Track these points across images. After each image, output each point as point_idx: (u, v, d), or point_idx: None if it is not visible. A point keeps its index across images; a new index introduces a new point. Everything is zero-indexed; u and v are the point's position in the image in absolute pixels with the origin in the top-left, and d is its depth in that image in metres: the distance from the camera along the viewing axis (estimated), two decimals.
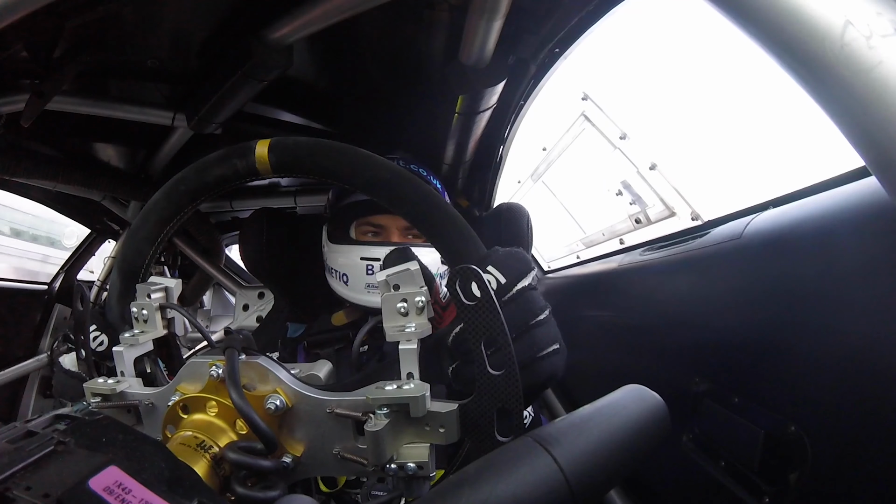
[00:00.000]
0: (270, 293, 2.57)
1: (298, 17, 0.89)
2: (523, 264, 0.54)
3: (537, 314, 0.53)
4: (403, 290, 0.48)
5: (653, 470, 1.03)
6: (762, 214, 0.82)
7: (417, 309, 0.48)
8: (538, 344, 0.52)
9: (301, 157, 0.60)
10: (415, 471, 0.46)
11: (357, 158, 0.59)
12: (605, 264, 1.54)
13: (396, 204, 0.58)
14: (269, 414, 0.50)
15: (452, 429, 0.46)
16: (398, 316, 0.48)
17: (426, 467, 0.47)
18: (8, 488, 0.30)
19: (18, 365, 2.34)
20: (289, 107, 1.41)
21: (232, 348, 0.51)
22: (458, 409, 0.46)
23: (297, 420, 0.52)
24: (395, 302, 0.48)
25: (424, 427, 0.47)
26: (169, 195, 0.64)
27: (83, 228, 2.50)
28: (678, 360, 0.94)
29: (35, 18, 0.59)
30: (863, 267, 0.58)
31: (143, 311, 0.62)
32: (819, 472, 0.60)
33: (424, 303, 0.48)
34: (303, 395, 0.51)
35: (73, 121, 1.29)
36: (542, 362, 0.52)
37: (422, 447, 0.47)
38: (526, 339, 0.51)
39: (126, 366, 0.60)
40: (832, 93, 0.30)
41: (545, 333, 0.53)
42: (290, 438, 0.52)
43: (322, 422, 0.51)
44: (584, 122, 1.73)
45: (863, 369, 0.56)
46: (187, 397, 0.52)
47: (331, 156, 0.60)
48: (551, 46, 1.04)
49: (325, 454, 0.51)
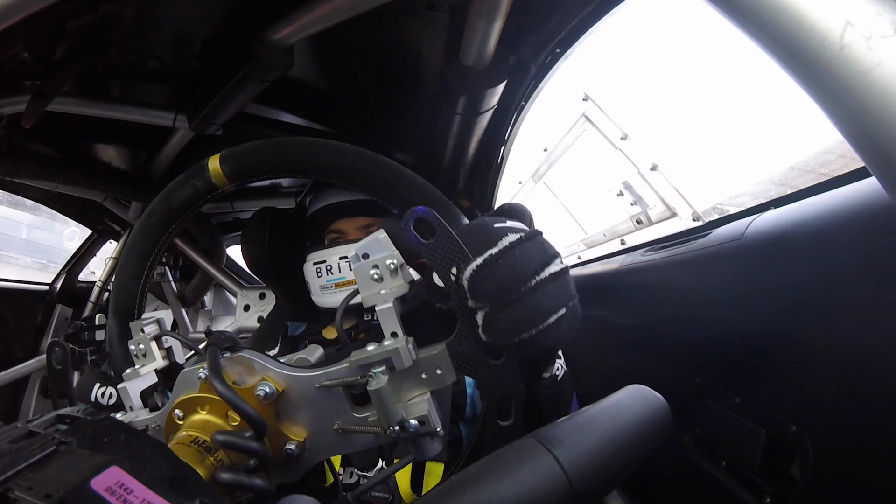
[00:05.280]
0: (272, 294, 2.58)
1: (299, 19, 0.89)
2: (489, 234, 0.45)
3: (528, 276, 0.43)
4: (373, 257, 0.48)
5: (653, 470, 1.03)
6: (763, 215, 0.82)
7: (391, 272, 0.48)
8: (532, 316, 0.43)
9: (253, 161, 0.61)
10: (417, 428, 0.46)
11: (307, 148, 0.60)
12: (606, 265, 1.54)
13: (357, 181, 0.58)
14: (262, 402, 0.50)
15: (448, 367, 0.46)
16: (373, 283, 0.48)
17: (428, 422, 0.46)
18: (9, 488, 0.30)
19: (20, 365, 2.34)
20: (290, 108, 1.41)
21: (213, 345, 0.52)
22: (445, 347, 0.46)
23: (292, 404, 0.52)
24: (367, 270, 0.48)
25: (421, 376, 0.47)
26: (143, 230, 0.67)
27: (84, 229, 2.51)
28: (679, 360, 0.94)
29: (36, 19, 0.59)
30: (863, 267, 0.58)
31: (139, 345, 0.63)
32: (820, 472, 0.60)
33: (397, 264, 0.48)
34: (291, 377, 0.51)
35: (74, 122, 1.29)
36: (541, 336, 0.43)
37: (420, 402, 0.47)
38: (514, 312, 0.43)
39: (133, 400, 0.61)
40: (832, 94, 0.30)
41: (543, 298, 0.43)
42: (290, 424, 0.52)
43: (316, 400, 0.51)
44: (585, 122, 1.73)
45: (864, 369, 0.56)
46: (180, 401, 0.53)
47: (281, 151, 0.60)
48: (552, 47, 1.04)
49: (328, 433, 0.51)
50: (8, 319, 2.32)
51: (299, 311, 1.24)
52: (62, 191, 1.83)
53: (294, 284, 1.19)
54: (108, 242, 2.64)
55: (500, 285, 0.43)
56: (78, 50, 0.99)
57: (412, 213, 0.43)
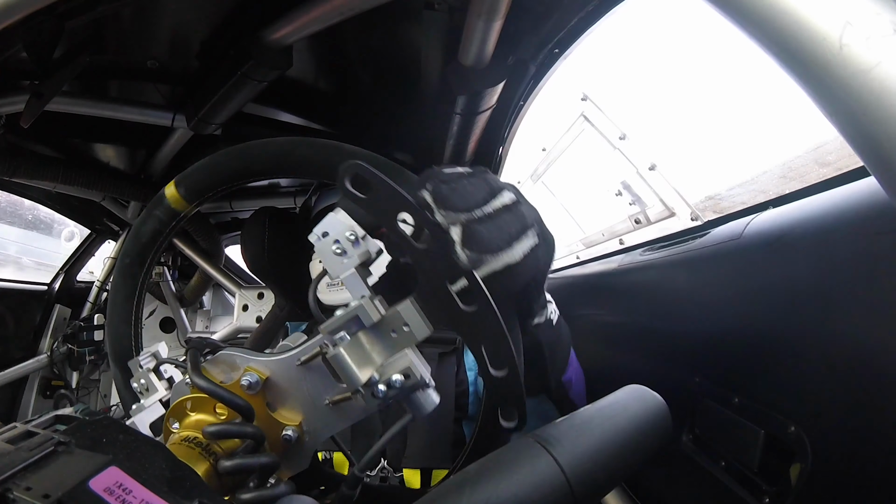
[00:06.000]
0: (270, 293, 2.58)
1: (298, 18, 0.89)
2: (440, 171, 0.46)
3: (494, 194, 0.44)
4: (333, 234, 0.48)
5: (653, 470, 1.03)
6: (762, 214, 0.82)
7: (352, 243, 0.48)
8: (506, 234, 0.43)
9: (204, 175, 0.61)
10: (402, 382, 0.45)
11: (248, 150, 0.60)
12: (604, 265, 1.54)
13: (302, 168, 0.59)
14: (249, 393, 0.51)
15: (418, 322, 0.45)
16: (336, 257, 0.48)
17: (413, 374, 0.45)
18: (8, 489, 0.30)
19: (19, 365, 2.34)
20: (288, 108, 1.41)
21: (192, 349, 0.54)
22: (411, 300, 0.45)
23: (280, 389, 0.52)
24: (329, 246, 0.48)
25: (391, 334, 0.46)
26: (121, 273, 0.67)
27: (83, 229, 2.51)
28: (678, 360, 0.94)
29: (35, 19, 0.59)
30: (862, 267, 0.58)
31: (140, 381, 0.64)
32: (820, 472, 0.60)
33: (357, 234, 0.48)
34: (273, 363, 0.52)
35: (73, 122, 1.29)
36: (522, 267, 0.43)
37: (401, 358, 0.46)
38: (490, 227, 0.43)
39: (144, 433, 0.61)
40: (831, 93, 0.30)
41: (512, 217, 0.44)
42: (283, 410, 0.52)
43: (301, 379, 0.51)
44: (583, 122, 1.73)
45: (863, 369, 0.56)
46: (171, 410, 0.53)
47: (227, 160, 0.61)
48: (551, 47, 1.04)
49: (320, 410, 0.51)
50: (6, 319, 2.32)
51: (299, 310, 1.24)
52: (61, 190, 1.83)
53: (293, 284, 1.19)
54: (106, 242, 2.64)
55: (468, 197, 0.43)
56: (76, 50, 0.99)
57: (344, 171, 0.43)
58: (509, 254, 0.43)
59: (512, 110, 1.28)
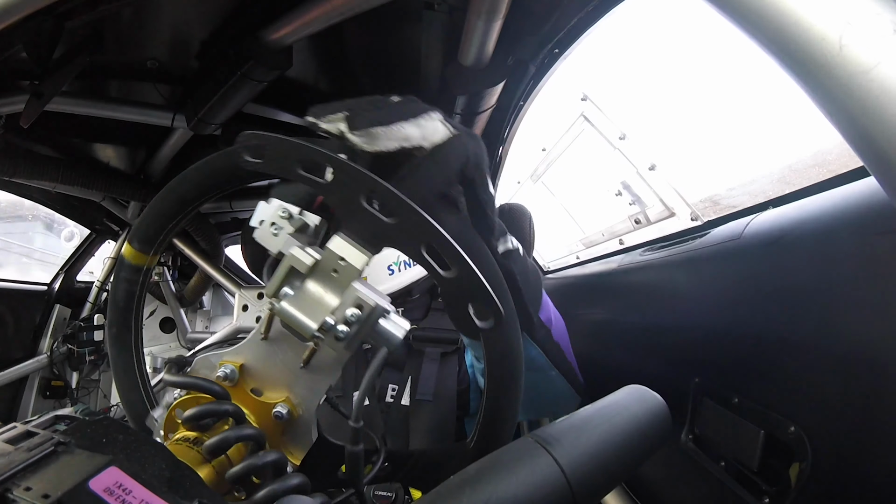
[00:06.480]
0: None
1: (297, 19, 0.89)
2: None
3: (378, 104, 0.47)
4: (267, 219, 0.50)
5: (653, 470, 1.03)
6: (762, 215, 0.82)
7: (287, 220, 0.49)
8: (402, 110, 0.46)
9: (149, 224, 0.60)
10: (358, 315, 0.45)
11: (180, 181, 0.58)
12: (604, 265, 1.54)
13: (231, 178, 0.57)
14: (228, 385, 0.52)
15: (351, 252, 0.45)
16: (273, 237, 0.49)
17: (365, 303, 0.45)
18: (8, 489, 0.30)
19: (18, 365, 2.34)
20: (288, 107, 1.41)
21: (169, 362, 0.55)
22: (338, 233, 0.45)
23: (257, 371, 0.53)
24: (267, 230, 0.49)
25: (332, 274, 0.46)
26: (112, 343, 0.67)
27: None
28: (678, 360, 0.94)
29: (35, 19, 0.59)
30: (862, 267, 0.58)
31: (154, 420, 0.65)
32: (819, 472, 0.60)
33: (290, 211, 0.49)
34: (241, 347, 0.53)
35: (72, 122, 1.29)
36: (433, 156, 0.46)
37: (350, 292, 0.46)
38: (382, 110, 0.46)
39: None
40: (831, 93, 0.30)
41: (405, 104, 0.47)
42: (269, 391, 0.53)
43: (271, 354, 0.53)
44: (583, 122, 1.73)
45: (863, 369, 0.56)
46: (164, 425, 0.53)
47: (164, 200, 0.59)
48: (551, 47, 1.04)
49: (300, 376, 0.52)
50: (7, 319, 2.32)
51: None
52: (60, 191, 1.83)
53: None
54: (106, 242, 2.64)
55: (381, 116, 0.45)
56: (76, 50, 0.99)
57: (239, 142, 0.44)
58: (403, 128, 0.44)
59: (512, 110, 1.28)
